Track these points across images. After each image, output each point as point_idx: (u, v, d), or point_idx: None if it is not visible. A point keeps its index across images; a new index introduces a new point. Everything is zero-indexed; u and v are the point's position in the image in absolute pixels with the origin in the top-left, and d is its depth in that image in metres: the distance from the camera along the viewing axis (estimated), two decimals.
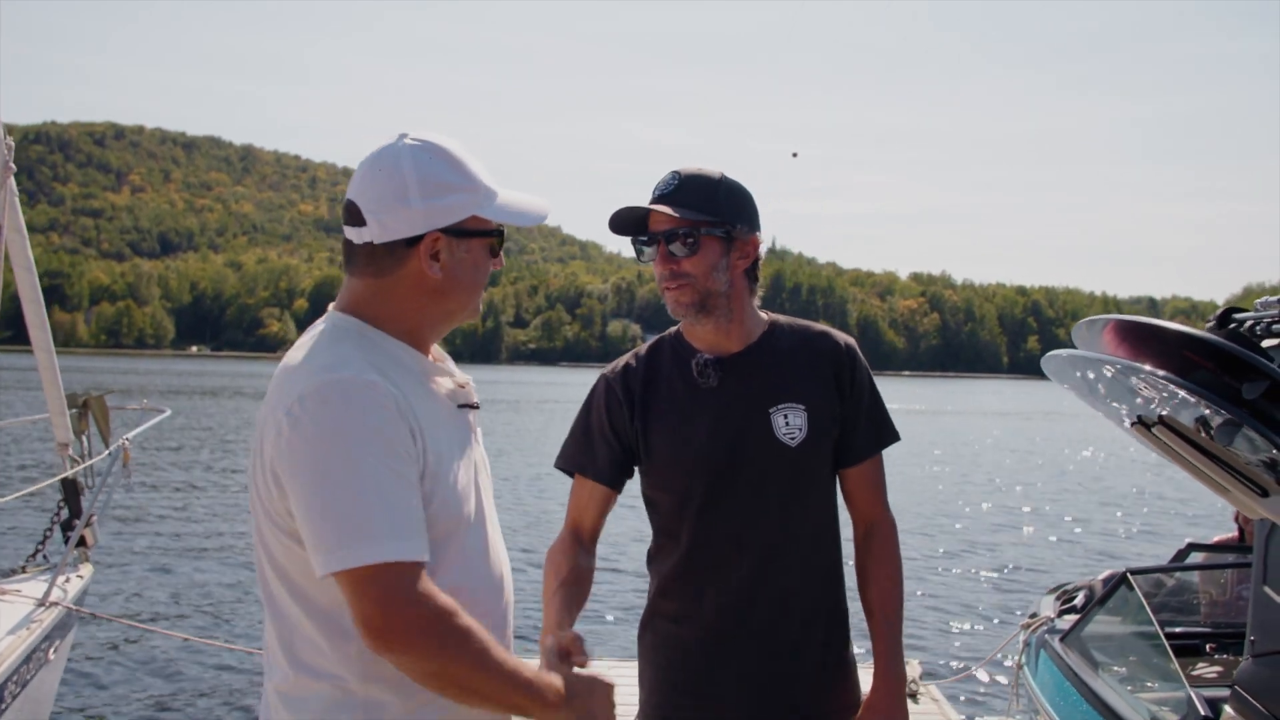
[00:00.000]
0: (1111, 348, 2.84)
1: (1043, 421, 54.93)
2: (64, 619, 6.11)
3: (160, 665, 9.22)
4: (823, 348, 2.45)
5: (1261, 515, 2.84)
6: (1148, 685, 4.75)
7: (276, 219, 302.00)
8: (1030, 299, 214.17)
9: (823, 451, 2.39)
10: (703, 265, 2.32)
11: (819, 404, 2.38)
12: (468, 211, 1.76)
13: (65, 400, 7.05)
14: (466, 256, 1.78)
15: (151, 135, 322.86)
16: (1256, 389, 2.31)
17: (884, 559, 2.46)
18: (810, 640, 2.39)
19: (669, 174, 2.36)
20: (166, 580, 12.49)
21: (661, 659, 2.45)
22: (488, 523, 1.87)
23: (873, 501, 2.48)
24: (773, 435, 2.35)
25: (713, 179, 2.36)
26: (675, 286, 2.34)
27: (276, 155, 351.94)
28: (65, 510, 6.94)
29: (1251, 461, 2.55)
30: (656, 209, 2.31)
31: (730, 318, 2.39)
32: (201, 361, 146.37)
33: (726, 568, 2.36)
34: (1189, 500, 22.82)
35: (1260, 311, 2.93)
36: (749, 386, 2.38)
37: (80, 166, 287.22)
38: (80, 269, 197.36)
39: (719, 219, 2.32)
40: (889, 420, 2.51)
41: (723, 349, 2.42)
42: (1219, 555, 6.13)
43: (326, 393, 1.64)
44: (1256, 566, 3.28)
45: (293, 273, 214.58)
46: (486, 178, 1.79)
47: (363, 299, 1.79)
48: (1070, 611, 5.83)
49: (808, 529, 2.40)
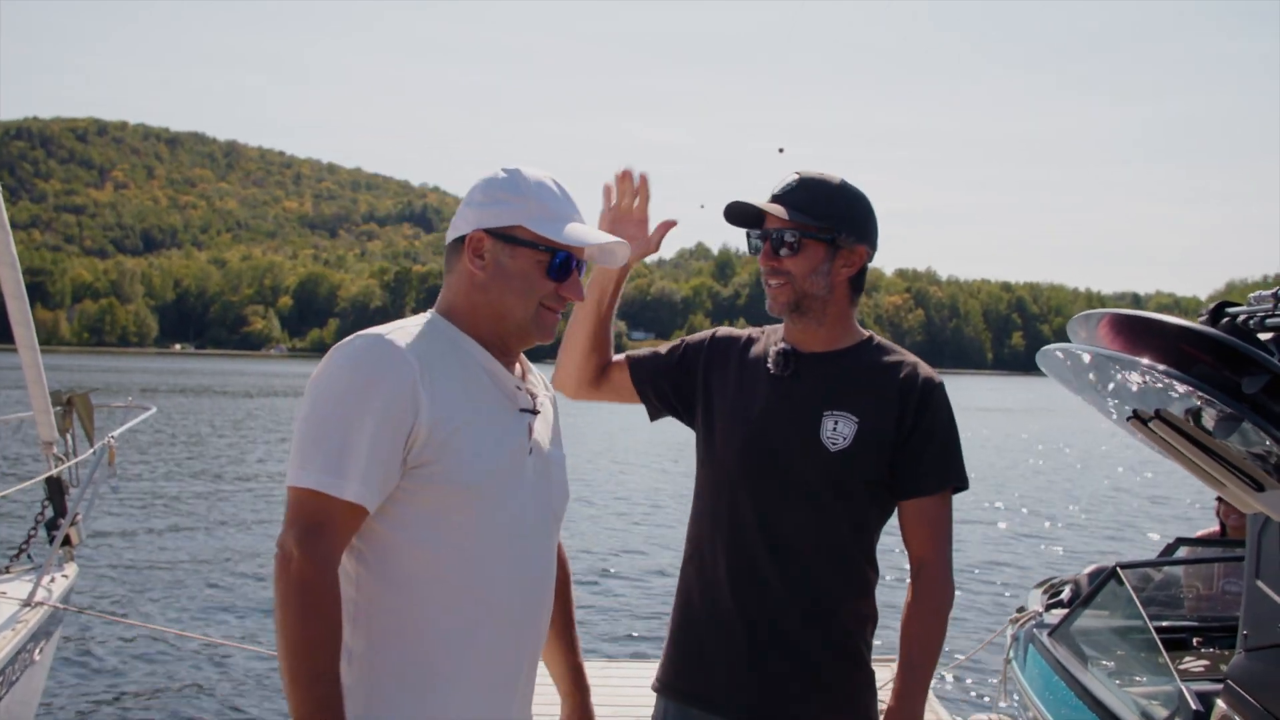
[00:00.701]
0: (1108, 342, 2.83)
1: (1026, 418, 55.17)
2: (49, 618, 6.08)
3: (146, 663, 9.19)
4: (898, 374, 2.47)
5: (1257, 509, 2.84)
6: (1137, 679, 4.76)
7: (261, 216, 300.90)
8: (1015, 295, 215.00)
9: (862, 467, 2.39)
10: (803, 267, 2.42)
11: (873, 422, 2.40)
12: (514, 220, 1.96)
13: (50, 398, 7.01)
14: (511, 262, 1.96)
15: (135, 131, 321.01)
16: (1257, 383, 2.30)
17: (924, 600, 2.43)
18: (815, 644, 2.39)
19: (791, 175, 2.46)
20: (152, 578, 12.46)
21: (678, 625, 2.52)
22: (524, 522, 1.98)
23: (924, 540, 2.45)
24: (817, 436, 2.39)
25: (831, 185, 2.44)
26: (775, 283, 2.45)
27: (261, 151, 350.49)
28: (50, 509, 6.89)
29: (1248, 456, 2.55)
30: (767, 208, 2.42)
31: (822, 322, 2.47)
32: (185, 360, 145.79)
33: (745, 549, 2.42)
34: (1169, 497, 22.97)
35: (1254, 306, 2.93)
36: (812, 385, 2.45)
37: (63, 163, 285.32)
38: (63, 266, 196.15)
39: (826, 225, 2.40)
40: (959, 465, 2.48)
41: (808, 346, 2.50)
42: (1206, 550, 6.15)
43: (343, 344, 1.89)
44: (1249, 561, 3.29)
45: (277, 270, 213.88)
46: (556, 204, 1.99)
47: (444, 295, 2.03)
48: (1057, 606, 5.85)
49: (828, 536, 2.40)
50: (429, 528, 1.87)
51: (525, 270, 1.98)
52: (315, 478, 1.77)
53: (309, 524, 1.77)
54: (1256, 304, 2.92)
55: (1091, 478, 27.17)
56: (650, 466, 26.06)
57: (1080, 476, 27.32)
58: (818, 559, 2.40)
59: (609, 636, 10.69)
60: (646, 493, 21.62)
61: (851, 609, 2.44)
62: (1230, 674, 3.18)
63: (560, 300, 2.02)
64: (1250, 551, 3.29)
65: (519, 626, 1.97)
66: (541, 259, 1.97)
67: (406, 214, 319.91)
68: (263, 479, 21.63)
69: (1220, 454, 2.64)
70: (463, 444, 1.87)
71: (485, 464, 1.90)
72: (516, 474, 1.96)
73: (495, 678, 1.94)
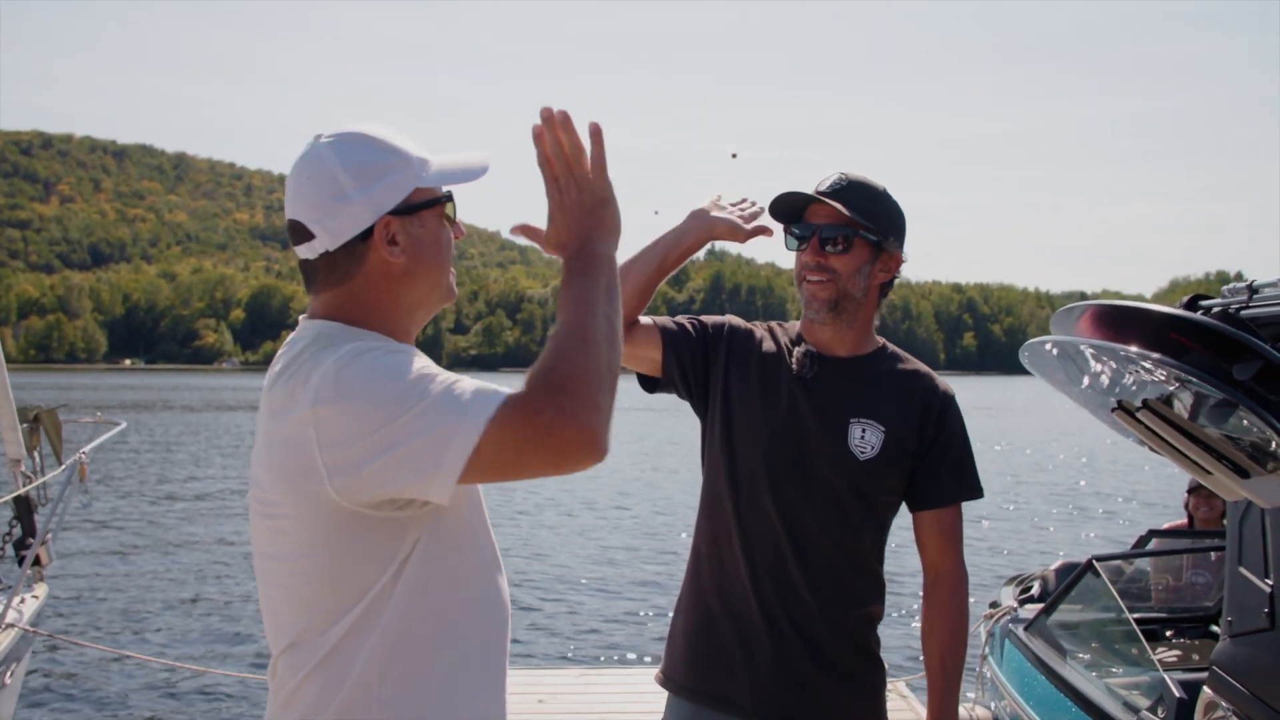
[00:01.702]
0: (1092, 333, 2.86)
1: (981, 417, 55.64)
2: (19, 641, 5.98)
3: (119, 686, 9.06)
4: (920, 385, 2.52)
5: (1241, 496, 2.90)
6: (1117, 670, 4.82)
7: (211, 228, 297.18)
8: (966, 296, 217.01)
9: (886, 478, 2.43)
10: (850, 266, 2.41)
11: (898, 433, 2.43)
12: (409, 186, 1.68)
13: (16, 415, 6.90)
14: (424, 232, 1.71)
15: (81, 144, 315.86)
16: (1249, 369, 2.34)
17: (947, 609, 2.49)
18: (833, 645, 2.42)
19: (836, 174, 2.45)
20: (122, 599, 12.27)
21: (691, 626, 2.50)
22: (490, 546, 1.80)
23: (942, 549, 2.51)
24: (845, 443, 2.40)
25: (877, 188, 2.46)
26: (818, 280, 2.42)
27: (211, 163, 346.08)
28: (18, 529, 6.78)
29: (1234, 443, 2.60)
30: (828, 201, 2.39)
31: (852, 325, 2.47)
32: (136, 375, 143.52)
33: (762, 551, 2.41)
34: (1133, 489, 23.30)
35: (1228, 298, 2.98)
36: (839, 391, 2.45)
37: (5, 177, 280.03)
38: (7, 282, 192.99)
39: (875, 227, 2.41)
40: (974, 476, 2.54)
41: (832, 350, 2.49)
42: (1178, 541, 6.25)
43: (353, 357, 1.57)
44: (1231, 547, 3.34)
45: (229, 283, 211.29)
46: (415, 149, 1.71)
47: (335, 308, 1.70)
48: (1030, 600, 5.91)
49: (847, 540, 2.43)
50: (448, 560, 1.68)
51: (435, 234, 1.73)
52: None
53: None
54: (1231, 296, 2.98)
55: (1050, 473, 27.49)
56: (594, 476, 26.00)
57: (1039, 473, 27.62)
58: (841, 561, 2.43)
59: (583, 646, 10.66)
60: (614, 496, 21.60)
61: (869, 610, 2.49)
62: (1215, 660, 3.24)
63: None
64: (1232, 539, 3.34)
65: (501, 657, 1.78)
66: (440, 210, 1.74)
67: None
68: (225, 495, 21.37)
69: (1206, 442, 2.69)
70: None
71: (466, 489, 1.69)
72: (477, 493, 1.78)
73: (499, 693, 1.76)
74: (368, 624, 1.61)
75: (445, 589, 1.67)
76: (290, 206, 1.70)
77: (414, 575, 1.63)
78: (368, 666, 1.61)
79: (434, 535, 1.64)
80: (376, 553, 1.61)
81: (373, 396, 1.52)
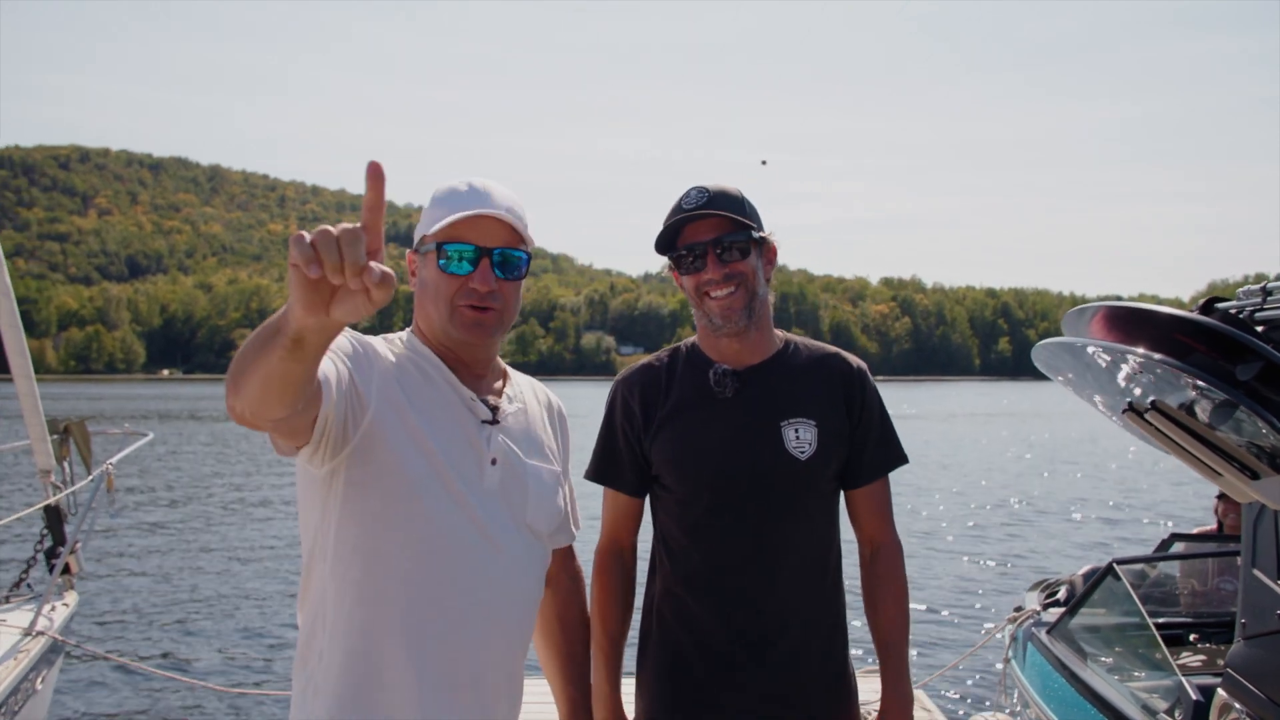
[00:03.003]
0: (1103, 334, 2.86)
1: (1016, 421, 55.26)
2: (50, 649, 6.05)
3: (147, 694, 9.13)
4: (836, 368, 2.50)
5: (1253, 498, 2.87)
6: (1137, 674, 4.79)
7: (246, 239, 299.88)
8: (1000, 301, 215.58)
9: (829, 468, 2.43)
10: (751, 267, 2.39)
11: (829, 422, 2.42)
12: (420, 233, 2.09)
13: (46, 426, 7.00)
14: (424, 271, 2.07)
15: (118, 157, 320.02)
16: (1251, 370, 2.34)
17: (889, 581, 2.50)
18: (811, 652, 2.42)
19: (694, 190, 2.40)
20: (152, 605, 12.38)
21: (662, 667, 2.46)
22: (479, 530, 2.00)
23: (879, 524, 2.52)
24: (783, 447, 2.38)
25: (733, 190, 2.42)
26: (729, 292, 2.37)
27: (245, 175, 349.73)
28: (49, 538, 6.88)
29: (1243, 444, 2.59)
30: (716, 213, 2.35)
31: (761, 326, 2.45)
32: (174, 385, 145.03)
33: (730, 577, 2.39)
34: (1162, 496, 23.04)
35: (1243, 300, 2.97)
36: (763, 399, 2.43)
37: (45, 190, 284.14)
38: (47, 294, 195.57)
39: (756, 224, 2.41)
40: (898, 443, 2.54)
41: (742, 361, 2.46)
42: (1200, 545, 6.19)
43: None
44: (1245, 550, 3.32)
45: (264, 293, 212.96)
46: (444, 202, 2.04)
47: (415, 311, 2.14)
48: (1055, 604, 5.87)
49: (811, 543, 2.43)
50: (377, 527, 1.91)
51: (431, 274, 2.05)
52: None
53: None
54: (1245, 298, 2.98)
55: (1085, 479, 27.23)
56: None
57: (1074, 478, 27.38)
58: (809, 568, 2.43)
59: None
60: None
61: (838, 606, 2.49)
62: (1230, 662, 3.22)
63: (472, 294, 2.03)
64: (1246, 541, 3.32)
65: (467, 629, 1.97)
66: (432, 257, 2.04)
67: (391, 234, 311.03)
68: (250, 504, 21.55)
69: (1216, 444, 2.67)
70: (394, 442, 1.91)
71: (428, 466, 1.94)
72: (470, 482, 1.99)
73: (441, 679, 1.94)
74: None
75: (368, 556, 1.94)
76: None
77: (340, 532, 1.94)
78: (320, 605, 1.97)
79: (353, 496, 1.92)
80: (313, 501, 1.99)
81: None
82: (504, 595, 2.01)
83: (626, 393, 2.51)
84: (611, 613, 2.50)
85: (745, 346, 2.45)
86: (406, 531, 1.92)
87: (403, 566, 1.92)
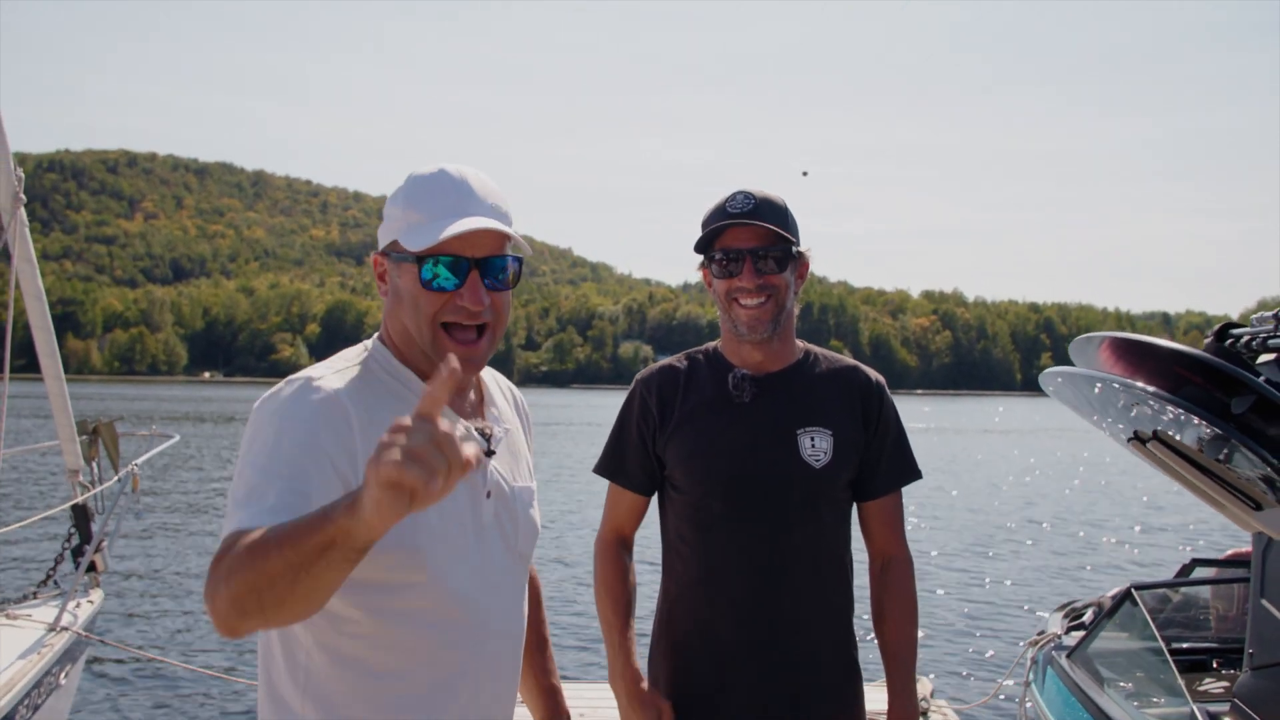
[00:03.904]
0: (1107, 364, 2.88)
1: (1053, 439, 54.76)
2: (74, 644, 6.15)
3: (169, 691, 9.24)
4: (854, 380, 2.52)
5: (1257, 529, 2.85)
6: (1153, 700, 4.75)
7: (288, 244, 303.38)
8: (1043, 316, 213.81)
9: (843, 478, 2.44)
10: (784, 281, 2.41)
11: (845, 432, 2.44)
12: (393, 235, 1.82)
13: (75, 427, 7.11)
14: (400, 281, 1.81)
15: (164, 162, 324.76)
16: (1244, 403, 2.35)
17: (899, 594, 2.51)
18: (818, 659, 2.43)
19: (740, 194, 2.41)
20: (175, 604, 12.53)
21: (673, 667, 2.50)
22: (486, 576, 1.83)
23: (890, 537, 2.53)
24: (798, 455, 2.40)
25: (778, 199, 2.44)
26: (759, 303, 2.39)
27: (288, 180, 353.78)
28: (76, 536, 6.98)
29: (1244, 475, 2.58)
30: (754, 223, 2.37)
31: (785, 337, 2.48)
32: (214, 387, 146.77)
33: (740, 581, 2.41)
34: (1205, 516, 22.74)
35: (1256, 327, 2.96)
36: (781, 406, 2.45)
37: (94, 194, 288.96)
38: (93, 296, 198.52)
39: (795, 238, 2.42)
40: (912, 459, 2.56)
41: (762, 368, 2.49)
42: (1225, 571, 6.13)
43: (269, 394, 1.75)
44: (1254, 580, 3.29)
45: (305, 298, 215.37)
46: (434, 207, 1.77)
47: (383, 318, 1.91)
48: (1078, 628, 5.82)
49: (822, 550, 2.44)
50: (377, 598, 1.71)
51: (409, 286, 1.80)
52: (234, 519, 1.55)
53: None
54: (1259, 325, 2.96)
55: (1120, 499, 26.94)
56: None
57: (1108, 498, 27.09)
58: (819, 576, 2.44)
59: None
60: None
61: (847, 615, 2.51)
62: (1237, 692, 3.19)
63: (460, 311, 1.78)
64: (1255, 571, 3.29)
65: (491, 681, 1.84)
66: (413, 269, 1.78)
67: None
68: None
69: (1219, 474, 2.67)
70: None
71: (433, 524, 1.73)
72: (473, 526, 1.82)
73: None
74: None
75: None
76: None
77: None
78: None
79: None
80: None
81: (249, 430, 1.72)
82: (515, 639, 1.92)
83: (645, 391, 2.54)
84: (619, 591, 2.55)
85: (767, 354, 2.48)
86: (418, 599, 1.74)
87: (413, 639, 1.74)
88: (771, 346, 2.46)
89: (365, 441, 1.67)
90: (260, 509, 1.53)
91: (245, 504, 1.55)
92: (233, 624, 1.46)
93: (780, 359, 2.49)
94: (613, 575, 2.56)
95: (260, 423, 1.68)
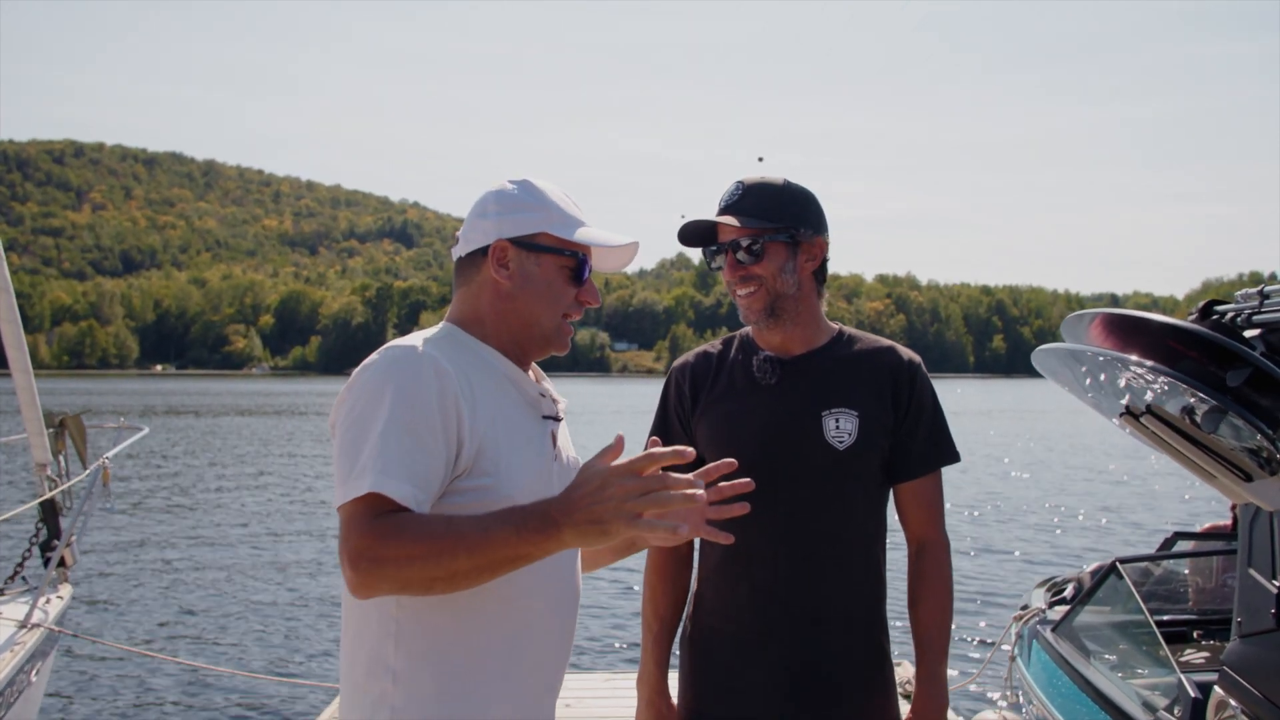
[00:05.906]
0: (1099, 340, 2.91)
1: (1015, 419, 55.44)
2: (45, 640, 6.07)
3: (140, 686, 9.16)
4: (885, 360, 2.50)
5: (1246, 499, 2.91)
6: (1138, 671, 4.83)
7: (240, 234, 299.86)
8: (995, 298, 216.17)
9: (870, 460, 2.43)
10: (770, 269, 2.40)
11: (872, 413, 2.42)
12: (537, 227, 1.95)
13: (43, 420, 7.01)
14: (537, 270, 1.95)
15: (112, 152, 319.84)
16: (1240, 376, 2.39)
17: (933, 579, 2.48)
18: (845, 646, 2.42)
19: (733, 184, 2.45)
20: (145, 599, 12.41)
21: (699, 652, 2.49)
22: None
23: (925, 520, 2.50)
24: (822, 436, 2.39)
25: (775, 185, 2.44)
26: (749, 292, 2.42)
27: (240, 170, 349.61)
28: (44, 531, 6.89)
29: (1235, 447, 2.62)
30: (721, 220, 2.40)
31: (797, 321, 2.46)
32: (167, 380, 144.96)
33: (765, 565, 2.40)
34: (1172, 491, 23.15)
35: (1241, 304, 3.01)
36: (805, 387, 2.44)
37: (39, 185, 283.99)
38: (41, 289, 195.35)
39: (782, 225, 2.40)
40: (950, 440, 2.53)
41: (786, 350, 2.49)
42: (1204, 544, 6.25)
43: (378, 358, 1.82)
44: (1241, 550, 3.36)
45: (258, 289, 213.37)
46: (571, 210, 1.98)
47: (458, 307, 2.00)
48: (1060, 603, 5.92)
49: (849, 534, 2.43)
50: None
51: (550, 277, 1.96)
52: (369, 481, 1.68)
53: (360, 518, 1.67)
54: (1243, 301, 3.01)
55: (1090, 475, 27.33)
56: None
57: (1078, 475, 27.48)
58: (846, 560, 2.42)
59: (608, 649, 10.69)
60: None
61: (876, 600, 2.49)
62: (1226, 660, 3.25)
63: (579, 307, 2.01)
64: (1243, 541, 3.36)
65: (558, 638, 1.96)
66: (565, 264, 1.96)
67: (386, 230, 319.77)
68: (244, 498, 21.56)
69: (1210, 447, 2.71)
70: (501, 455, 1.84)
71: (523, 476, 1.87)
72: (547, 485, 1.91)
73: (535, 691, 1.93)
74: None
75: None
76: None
77: None
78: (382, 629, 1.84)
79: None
80: None
81: (346, 396, 1.81)
82: (577, 599, 2.03)
83: (680, 376, 2.57)
84: (664, 594, 2.56)
85: (788, 337, 2.47)
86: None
87: (500, 583, 1.79)
88: (786, 330, 2.46)
89: (468, 403, 1.80)
90: (399, 474, 1.68)
91: (376, 468, 1.68)
92: (379, 591, 1.66)
93: (803, 342, 2.49)
94: (662, 576, 2.57)
95: (370, 388, 1.77)
